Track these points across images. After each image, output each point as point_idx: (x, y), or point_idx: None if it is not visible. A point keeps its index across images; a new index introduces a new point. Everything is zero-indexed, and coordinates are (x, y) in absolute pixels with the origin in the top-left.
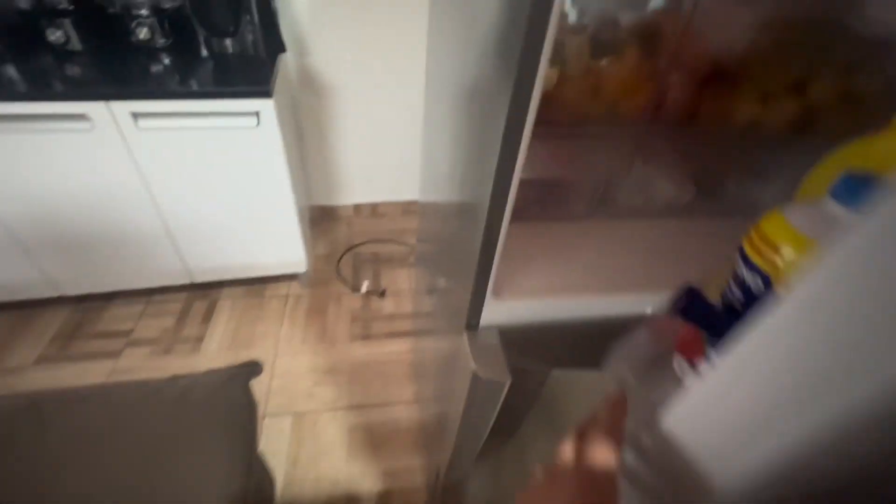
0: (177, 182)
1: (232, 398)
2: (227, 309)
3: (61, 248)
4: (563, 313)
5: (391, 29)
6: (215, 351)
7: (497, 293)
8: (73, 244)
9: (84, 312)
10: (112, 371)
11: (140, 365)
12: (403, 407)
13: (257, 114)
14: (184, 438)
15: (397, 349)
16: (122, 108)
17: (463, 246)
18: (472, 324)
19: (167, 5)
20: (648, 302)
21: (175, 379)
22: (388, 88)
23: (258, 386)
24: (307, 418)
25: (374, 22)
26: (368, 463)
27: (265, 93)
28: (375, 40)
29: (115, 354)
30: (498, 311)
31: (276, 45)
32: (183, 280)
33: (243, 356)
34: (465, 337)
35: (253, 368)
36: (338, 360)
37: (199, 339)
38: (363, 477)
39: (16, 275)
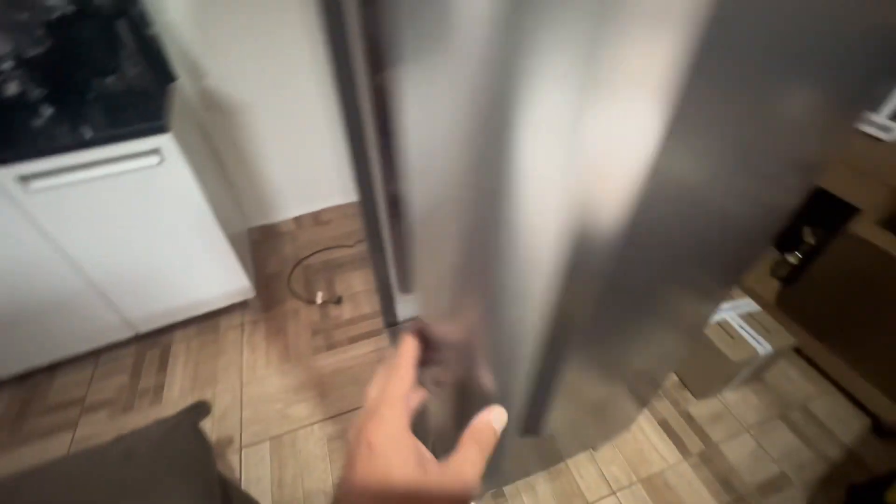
0: (89, 237)
1: (181, 445)
2: (182, 352)
3: None
4: None
5: (287, 31)
6: (178, 397)
7: (407, 289)
8: None
9: (29, 390)
10: (73, 443)
11: (102, 430)
12: None
13: (158, 151)
14: (134, 500)
15: (363, 351)
16: (7, 174)
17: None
18: (390, 321)
19: (31, 53)
20: None
21: (119, 440)
22: (300, 92)
23: (230, 421)
24: (285, 439)
25: (268, 30)
26: None
27: (160, 128)
28: (274, 47)
29: (71, 425)
30: (413, 306)
31: (164, 75)
32: (127, 334)
33: (209, 395)
34: (386, 334)
35: (200, 410)
36: (306, 376)
37: (160, 389)
38: None
39: None
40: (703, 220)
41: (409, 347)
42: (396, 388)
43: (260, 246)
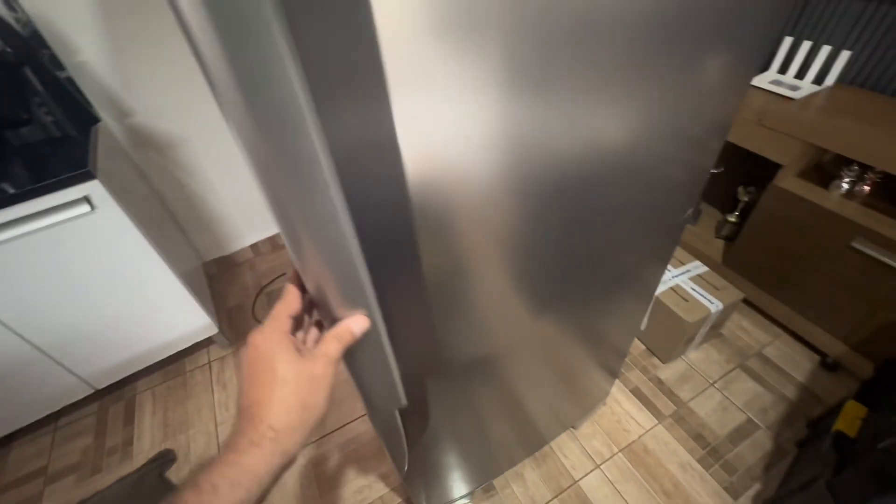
0: (25, 298)
1: (146, 497)
2: (148, 401)
3: None
4: None
5: None
6: (149, 449)
7: None
8: None
9: None
10: None
11: (71, 498)
12: (361, 421)
13: (87, 198)
14: None
15: (340, 368)
16: None
17: None
18: None
19: None
20: None
21: (83, 502)
22: None
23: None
24: None
25: (193, 62)
26: (343, 486)
27: (86, 175)
28: (201, 77)
29: (36, 499)
30: None
31: (85, 118)
32: (85, 392)
33: (182, 441)
34: None
35: (164, 459)
36: None
37: (128, 444)
38: (342, 501)
39: None
40: (631, 181)
41: (294, 282)
42: (279, 308)
43: (218, 279)
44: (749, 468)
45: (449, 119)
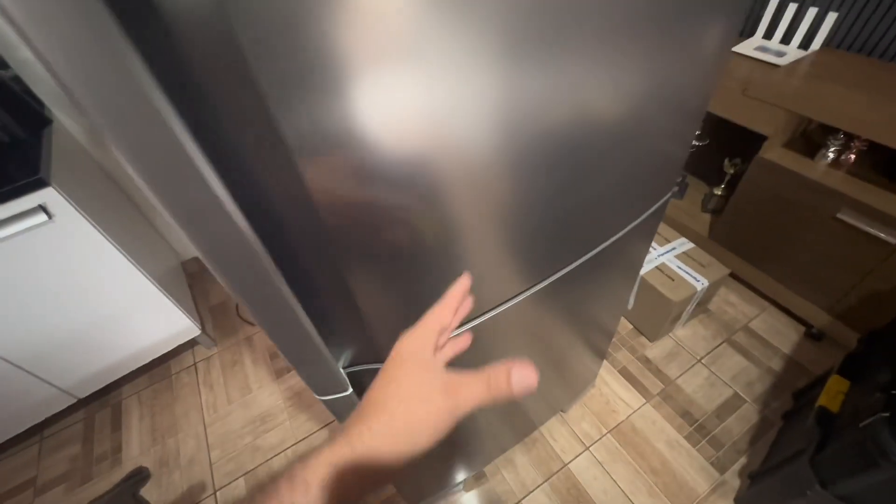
0: None
1: None
2: (134, 406)
3: None
4: None
5: None
6: (138, 454)
7: None
8: None
9: None
10: None
11: None
12: None
13: (43, 207)
14: None
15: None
16: None
17: None
18: None
19: None
20: None
21: None
22: None
23: (198, 467)
24: (259, 471)
25: None
26: None
27: (38, 182)
28: None
29: None
30: None
31: (35, 120)
32: (68, 402)
33: (171, 445)
34: None
35: (138, 477)
36: (271, 403)
37: (117, 450)
38: None
39: None
40: (613, 152)
41: (461, 286)
42: (432, 315)
43: (199, 277)
44: (735, 442)
45: (440, 90)
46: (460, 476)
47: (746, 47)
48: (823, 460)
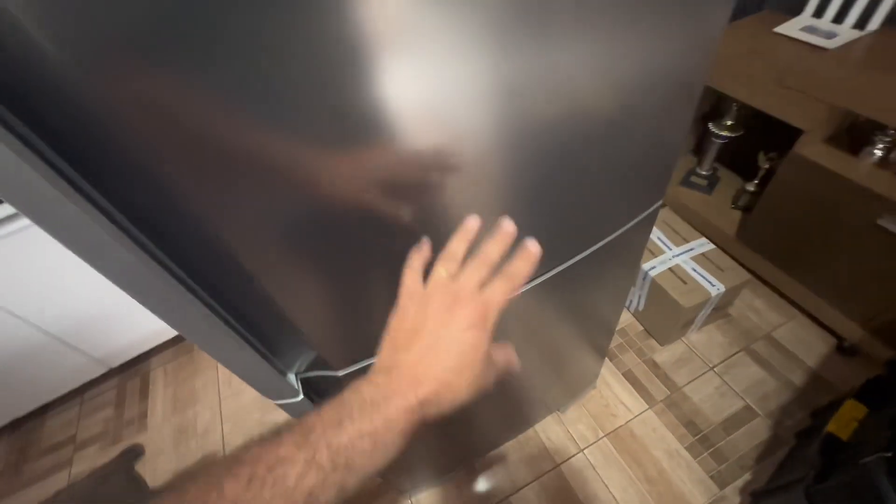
0: (35, 291)
1: (113, 491)
2: (160, 377)
3: None
4: None
5: None
6: (161, 421)
7: None
8: None
9: (23, 437)
10: (70, 479)
11: (95, 463)
12: None
13: None
14: None
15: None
16: None
17: None
18: None
19: None
20: None
21: (56, 495)
22: None
23: (212, 437)
24: None
25: None
26: None
27: None
28: None
29: (67, 464)
30: None
31: None
32: (101, 370)
33: (190, 415)
34: None
35: (132, 453)
36: None
37: (143, 417)
38: None
39: None
40: (608, 129)
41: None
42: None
43: None
44: (740, 457)
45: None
46: (451, 468)
47: (791, 28)
48: (820, 492)
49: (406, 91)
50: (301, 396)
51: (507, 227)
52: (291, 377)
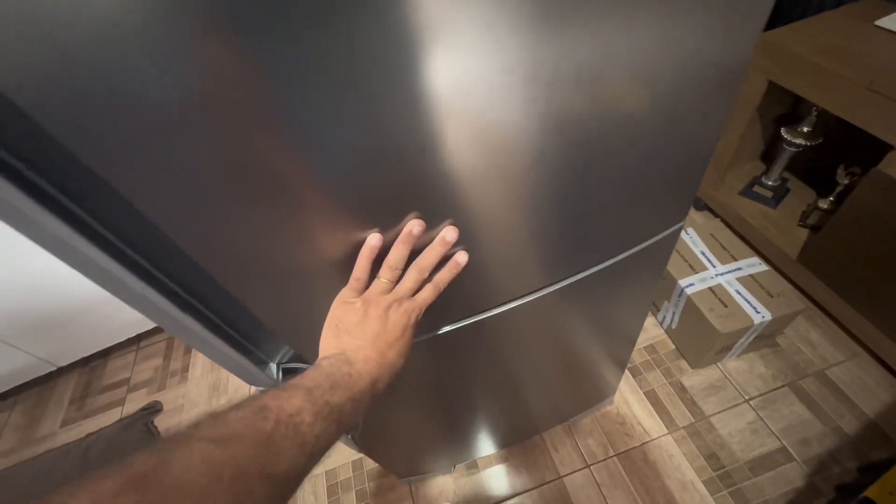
0: None
1: (131, 442)
2: None
3: (40, 330)
4: None
5: None
6: (199, 377)
7: None
8: (46, 324)
9: (90, 373)
10: (121, 416)
11: (143, 405)
12: None
13: None
14: None
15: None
16: None
17: None
18: None
19: None
20: None
21: (82, 440)
22: None
23: (239, 397)
24: None
25: None
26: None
27: None
28: None
29: (120, 402)
30: None
31: None
32: (153, 324)
33: (223, 375)
34: None
35: (151, 409)
36: None
37: (185, 370)
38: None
39: (11, 364)
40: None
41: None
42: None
43: None
44: (765, 502)
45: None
46: (452, 461)
47: (894, 21)
48: None
49: (431, 87)
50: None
51: (449, 236)
52: (272, 367)
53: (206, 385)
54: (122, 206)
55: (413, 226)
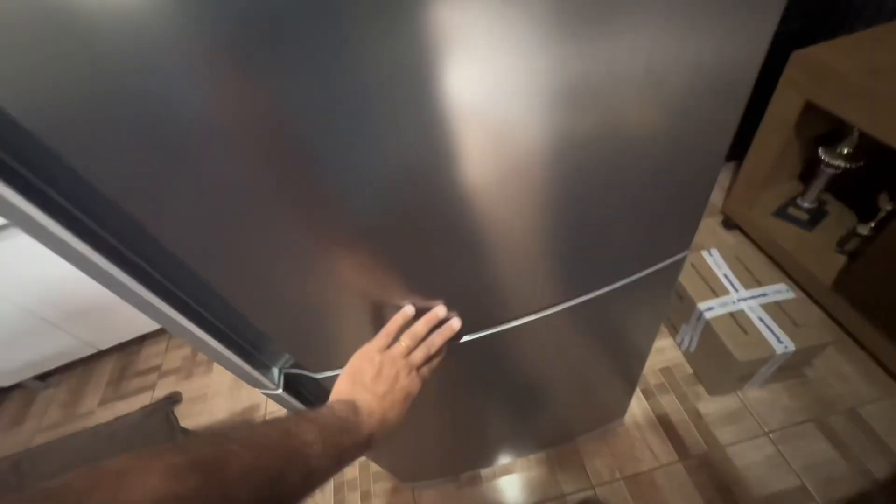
0: None
1: (151, 431)
2: None
3: (85, 315)
4: None
5: None
6: (223, 368)
7: None
8: (91, 311)
9: (126, 357)
10: (152, 400)
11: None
12: None
13: None
14: None
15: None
16: None
17: None
18: None
19: None
20: None
21: (109, 424)
22: None
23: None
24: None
25: None
26: None
27: None
28: None
29: (152, 387)
30: None
31: None
32: None
33: None
34: None
35: (171, 399)
36: None
37: (211, 361)
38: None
39: (59, 345)
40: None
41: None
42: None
43: None
44: None
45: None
46: (457, 470)
47: None
48: None
49: (442, 108)
50: (280, 390)
51: (439, 312)
52: (275, 371)
53: (229, 376)
54: (150, 241)
55: (440, 310)
